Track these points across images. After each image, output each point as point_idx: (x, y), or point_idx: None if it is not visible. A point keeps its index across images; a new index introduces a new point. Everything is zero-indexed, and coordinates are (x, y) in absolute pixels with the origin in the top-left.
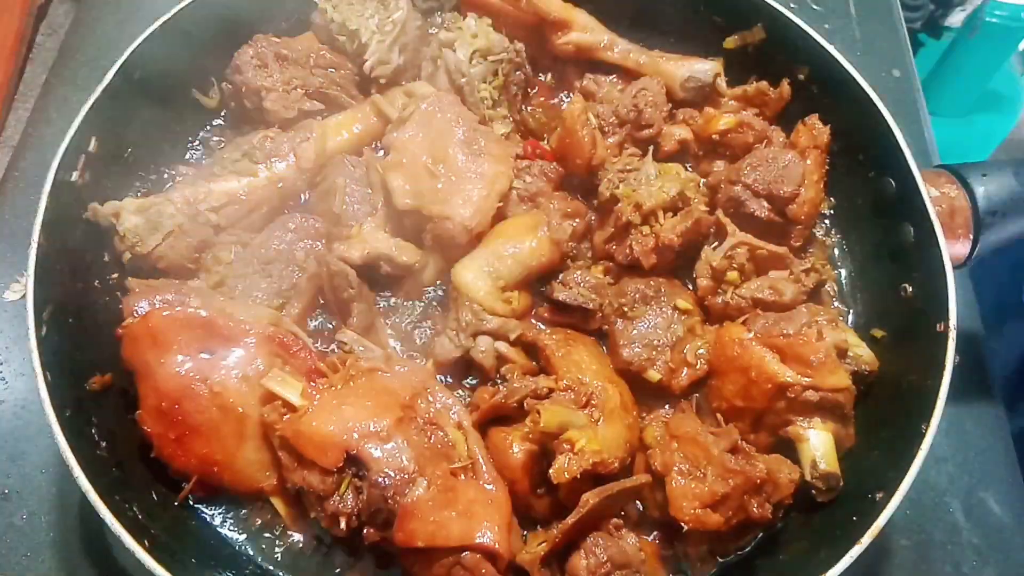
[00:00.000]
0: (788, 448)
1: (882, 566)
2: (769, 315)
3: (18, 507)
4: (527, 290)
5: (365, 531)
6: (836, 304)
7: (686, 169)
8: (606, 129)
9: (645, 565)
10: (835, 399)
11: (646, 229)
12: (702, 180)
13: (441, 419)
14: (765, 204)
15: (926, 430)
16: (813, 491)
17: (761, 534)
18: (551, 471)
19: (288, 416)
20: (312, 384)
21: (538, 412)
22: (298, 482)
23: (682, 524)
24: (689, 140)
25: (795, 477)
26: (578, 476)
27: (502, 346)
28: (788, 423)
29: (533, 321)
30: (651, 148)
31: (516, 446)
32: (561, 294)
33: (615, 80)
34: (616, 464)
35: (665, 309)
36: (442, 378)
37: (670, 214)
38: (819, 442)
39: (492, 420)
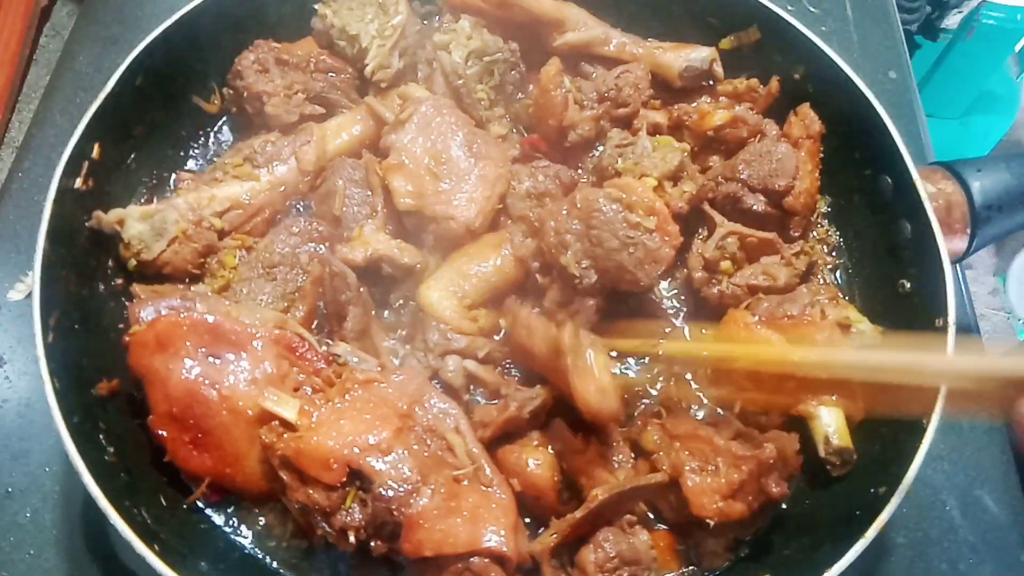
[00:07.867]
0: (799, 426)
1: (879, 564)
2: (771, 298)
3: (22, 505)
4: (494, 308)
5: (372, 544)
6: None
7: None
8: (584, 103)
9: (656, 563)
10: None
11: None
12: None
13: (440, 426)
14: (762, 198)
15: (927, 424)
16: (828, 467)
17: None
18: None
19: (287, 435)
20: (307, 401)
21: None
22: (303, 500)
23: (708, 521)
24: (663, 125)
25: (796, 447)
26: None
27: (471, 364)
28: (798, 402)
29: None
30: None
31: (531, 461)
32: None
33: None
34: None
35: None
36: None
37: (670, 183)
38: (830, 418)
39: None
